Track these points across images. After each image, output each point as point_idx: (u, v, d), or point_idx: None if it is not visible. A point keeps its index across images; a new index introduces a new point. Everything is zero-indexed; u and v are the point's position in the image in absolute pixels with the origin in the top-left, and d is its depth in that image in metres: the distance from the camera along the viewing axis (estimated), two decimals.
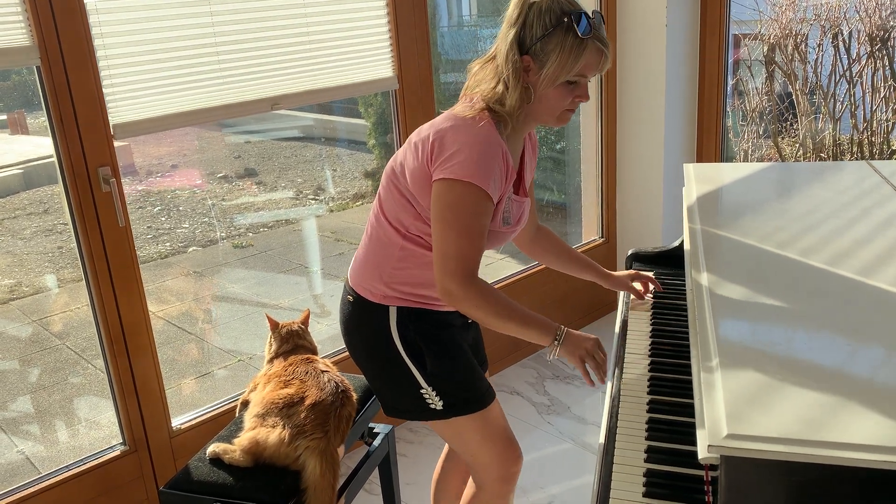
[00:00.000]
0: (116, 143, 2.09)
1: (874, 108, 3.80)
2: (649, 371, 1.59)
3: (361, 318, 1.68)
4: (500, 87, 1.51)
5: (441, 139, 1.49)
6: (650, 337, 1.74)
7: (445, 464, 1.98)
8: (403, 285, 1.63)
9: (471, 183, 1.45)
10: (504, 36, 1.52)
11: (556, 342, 1.53)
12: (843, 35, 3.78)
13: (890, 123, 3.79)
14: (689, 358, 1.57)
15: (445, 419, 1.66)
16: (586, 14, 1.47)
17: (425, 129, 1.55)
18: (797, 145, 4.05)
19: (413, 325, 1.63)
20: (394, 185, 1.60)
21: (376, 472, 2.08)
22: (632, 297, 1.94)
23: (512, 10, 1.52)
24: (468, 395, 1.65)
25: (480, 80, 1.57)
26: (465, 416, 1.65)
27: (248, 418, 1.77)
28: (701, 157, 3.57)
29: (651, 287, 1.95)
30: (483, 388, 1.67)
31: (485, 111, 1.52)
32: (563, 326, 1.55)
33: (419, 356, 1.63)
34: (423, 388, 1.64)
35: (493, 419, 1.67)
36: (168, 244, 4.66)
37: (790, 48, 3.91)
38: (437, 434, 1.74)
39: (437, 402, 1.64)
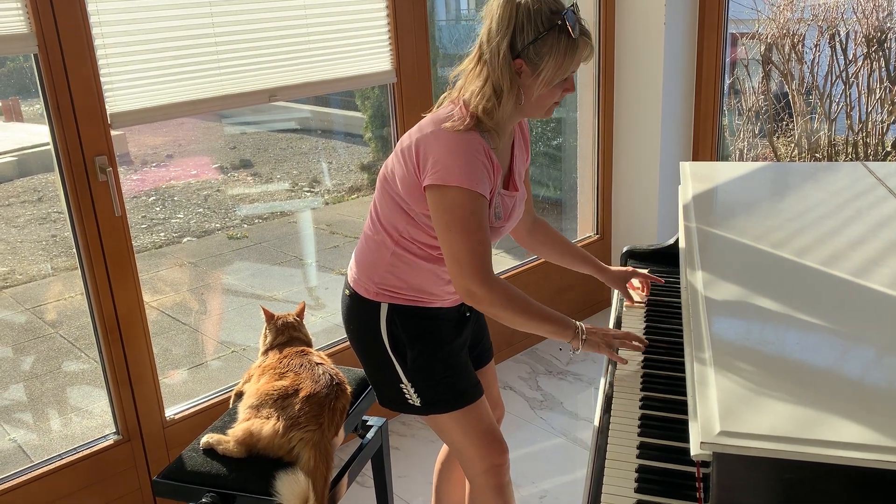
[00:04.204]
0: (112, 132, 2.09)
1: (869, 109, 3.81)
2: (642, 368, 1.60)
3: (355, 311, 1.71)
4: (489, 90, 1.50)
5: (424, 147, 1.51)
6: (644, 334, 1.75)
7: (449, 452, 1.99)
8: (395, 286, 1.65)
9: (459, 186, 1.47)
10: (494, 42, 1.47)
11: (580, 335, 1.56)
12: (839, 36, 3.79)
13: (885, 125, 3.81)
14: (682, 355, 1.58)
15: (425, 415, 1.70)
16: (573, 11, 1.47)
17: (413, 134, 1.56)
18: (792, 145, 4.07)
19: (401, 322, 1.65)
20: (387, 192, 1.62)
21: (369, 464, 2.09)
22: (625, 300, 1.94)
23: (500, 12, 1.47)
24: (447, 394, 1.67)
25: (469, 82, 1.55)
26: (443, 413, 1.67)
27: (243, 409, 1.77)
28: (697, 156, 3.58)
29: (644, 295, 1.93)
30: (464, 387, 1.68)
31: (470, 122, 1.50)
32: (580, 323, 1.58)
33: (402, 352, 1.66)
34: (402, 384, 1.68)
35: (474, 416, 1.68)
36: (163, 234, 4.65)
37: (787, 48, 3.92)
38: None
39: (414, 399, 1.68)
